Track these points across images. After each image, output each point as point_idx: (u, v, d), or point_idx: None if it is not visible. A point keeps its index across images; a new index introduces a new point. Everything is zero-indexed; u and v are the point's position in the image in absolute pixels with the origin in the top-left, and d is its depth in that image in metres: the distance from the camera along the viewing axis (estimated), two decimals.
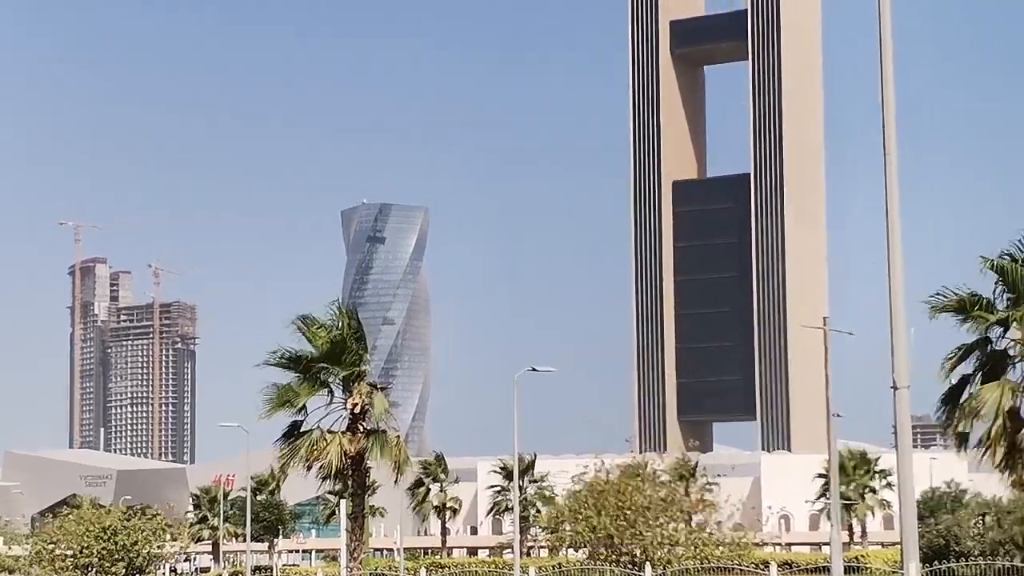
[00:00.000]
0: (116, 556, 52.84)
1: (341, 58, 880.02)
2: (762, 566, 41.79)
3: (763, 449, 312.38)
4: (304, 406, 47.83)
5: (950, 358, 40.23)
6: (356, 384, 47.49)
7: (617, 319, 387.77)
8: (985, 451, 40.05)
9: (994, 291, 40.28)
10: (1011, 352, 40.24)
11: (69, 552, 53.07)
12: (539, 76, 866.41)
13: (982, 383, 40.03)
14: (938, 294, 40.07)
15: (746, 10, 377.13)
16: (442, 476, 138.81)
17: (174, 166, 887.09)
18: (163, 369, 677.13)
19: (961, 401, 40.00)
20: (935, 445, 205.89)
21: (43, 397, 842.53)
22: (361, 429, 48.01)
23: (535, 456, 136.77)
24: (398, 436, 49.09)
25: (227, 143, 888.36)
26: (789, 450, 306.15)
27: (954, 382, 40.42)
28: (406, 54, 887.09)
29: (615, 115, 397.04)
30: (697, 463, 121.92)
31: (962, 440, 40.46)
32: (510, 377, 73.93)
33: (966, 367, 40.55)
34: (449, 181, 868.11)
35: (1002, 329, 40.07)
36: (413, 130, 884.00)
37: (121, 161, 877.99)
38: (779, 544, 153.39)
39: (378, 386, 49.35)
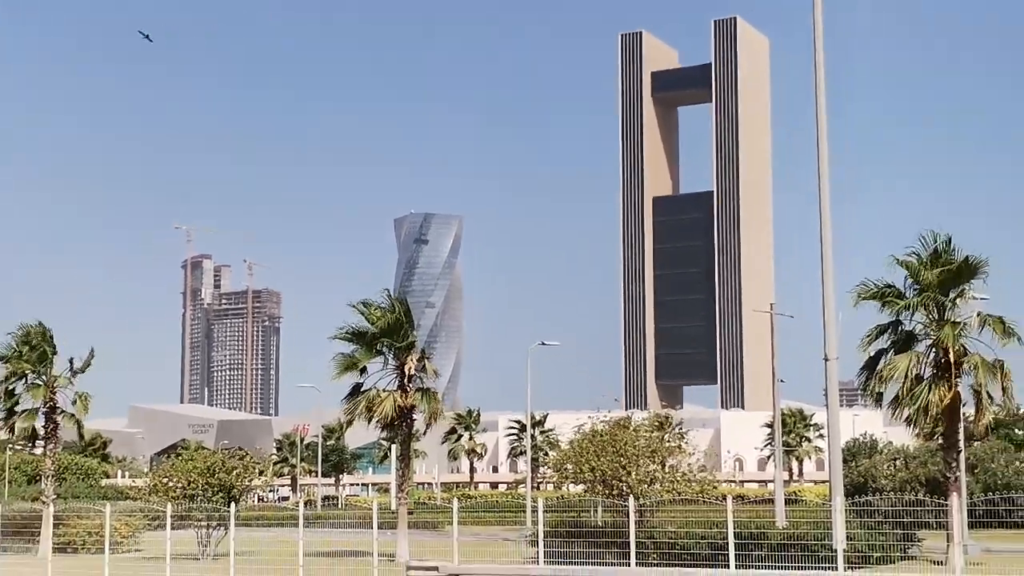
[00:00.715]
0: (215, 488, 52.98)
1: (403, 110, 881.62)
2: (721, 498, 41.77)
3: (722, 407, 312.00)
4: (365, 368, 47.88)
5: (868, 335, 40.22)
6: (407, 353, 47.55)
7: (609, 304, 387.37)
8: (896, 409, 40.00)
9: (904, 283, 40.28)
10: (917, 331, 40.17)
11: (180, 485, 53.22)
12: (549, 115, 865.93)
13: (894, 355, 40.02)
14: (861, 284, 40.08)
15: (711, 64, 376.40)
16: (473, 426, 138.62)
17: (270, 181, 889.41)
18: (254, 342, 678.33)
19: (878, 368, 39.95)
20: (857, 405, 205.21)
21: (160, 363, 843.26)
22: (409, 388, 48.08)
23: (546, 414, 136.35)
24: (437, 393, 49.17)
25: (310, 166, 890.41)
26: (743, 408, 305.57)
27: (872, 354, 40.38)
28: (453, 106, 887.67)
29: (608, 145, 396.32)
30: (673, 418, 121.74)
31: (878, 399, 40.42)
32: (525, 349, 73.88)
33: (882, 343, 40.52)
34: (479, 196, 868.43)
35: (910, 312, 40.03)
36: (453, 156, 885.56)
37: (229, 175, 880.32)
38: (734, 481, 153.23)
39: (426, 354, 49.36)
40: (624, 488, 44.51)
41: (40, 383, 55.20)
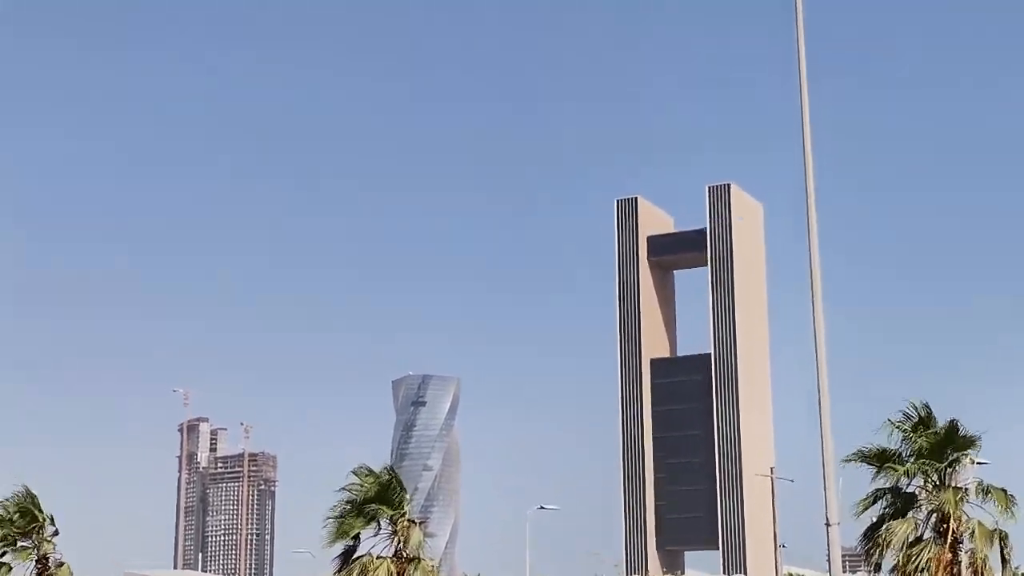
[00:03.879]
0: None
1: (401, 274, 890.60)
2: None
3: (724, 573, 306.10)
4: (357, 535, 47.33)
5: (863, 500, 39.87)
6: (399, 520, 46.99)
7: (607, 465, 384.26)
8: None
9: (900, 445, 40.05)
10: (918, 495, 39.75)
11: None
12: (545, 279, 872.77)
13: (893, 520, 39.51)
14: (858, 451, 39.81)
15: (706, 228, 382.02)
16: None
17: (267, 342, 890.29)
18: (250, 506, 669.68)
19: (876, 535, 39.39)
20: (860, 570, 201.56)
21: (154, 528, 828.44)
22: (403, 556, 47.34)
23: None
24: (433, 564, 48.34)
25: (307, 330, 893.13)
26: (745, 574, 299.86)
27: (874, 519, 39.89)
28: (449, 271, 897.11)
29: (604, 308, 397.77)
30: None
31: (877, 568, 39.80)
32: (523, 512, 72.79)
33: (880, 508, 40.02)
34: (476, 359, 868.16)
35: (908, 478, 39.68)
36: (451, 318, 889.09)
37: (226, 337, 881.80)
38: None
39: (417, 521, 48.70)
40: None
41: (29, 546, 54.64)
